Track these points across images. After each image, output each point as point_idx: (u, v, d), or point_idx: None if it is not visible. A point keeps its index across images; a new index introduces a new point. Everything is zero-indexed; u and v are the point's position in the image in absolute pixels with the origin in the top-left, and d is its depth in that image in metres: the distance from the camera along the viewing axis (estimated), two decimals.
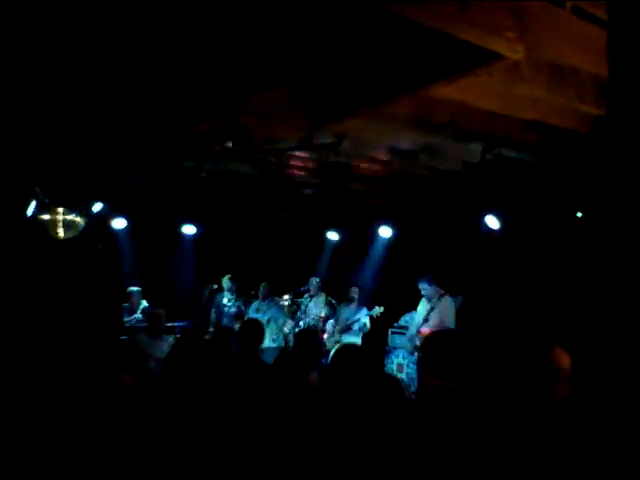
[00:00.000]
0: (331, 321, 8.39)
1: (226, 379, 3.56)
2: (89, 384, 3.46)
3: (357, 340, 7.88)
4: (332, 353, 3.57)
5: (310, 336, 4.65)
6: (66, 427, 3.02)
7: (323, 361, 6.09)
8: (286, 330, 8.40)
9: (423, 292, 7.16)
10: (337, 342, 7.82)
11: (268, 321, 8.15)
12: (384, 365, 8.26)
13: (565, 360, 2.67)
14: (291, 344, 8.29)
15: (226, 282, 8.77)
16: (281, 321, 8.41)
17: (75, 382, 3.55)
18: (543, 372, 2.61)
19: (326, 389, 3.24)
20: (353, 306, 8.21)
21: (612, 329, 1.45)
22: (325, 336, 8.30)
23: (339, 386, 3.10)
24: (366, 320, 7.98)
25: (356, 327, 7.99)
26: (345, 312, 8.21)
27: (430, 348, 2.78)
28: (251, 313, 8.42)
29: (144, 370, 3.96)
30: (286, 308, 8.92)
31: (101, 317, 7.55)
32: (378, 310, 7.95)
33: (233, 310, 8.66)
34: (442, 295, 7.08)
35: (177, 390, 3.05)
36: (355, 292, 8.27)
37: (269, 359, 7.66)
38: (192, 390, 3.03)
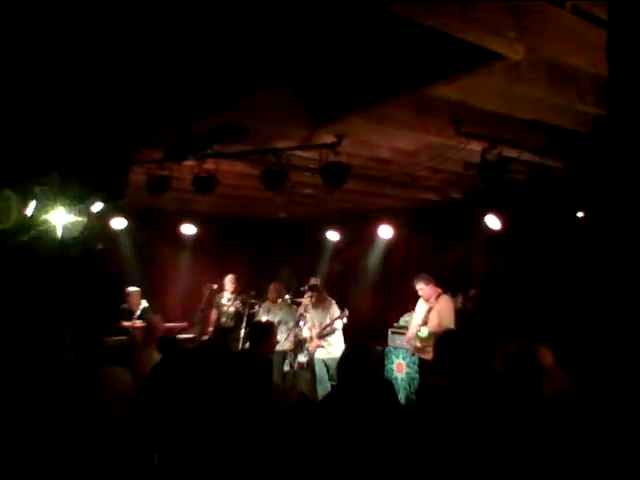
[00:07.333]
0: (305, 325, 8.19)
1: (227, 380, 3.55)
2: (84, 382, 3.45)
3: (337, 342, 7.80)
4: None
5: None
6: (59, 423, 3.02)
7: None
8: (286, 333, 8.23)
9: (420, 293, 7.13)
10: (319, 347, 7.83)
11: (279, 323, 8.02)
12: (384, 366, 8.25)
13: (549, 358, 2.66)
14: (292, 346, 8.25)
15: (229, 282, 8.77)
16: (291, 324, 8.21)
17: (70, 380, 3.55)
18: (527, 369, 2.59)
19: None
20: (320, 308, 8.04)
21: (611, 329, 1.45)
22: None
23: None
24: (339, 326, 7.87)
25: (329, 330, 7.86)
26: (315, 316, 8.06)
27: (442, 350, 2.73)
28: (262, 314, 8.35)
29: None
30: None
31: (99, 318, 7.54)
32: (345, 313, 7.88)
33: (232, 310, 8.65)
34: (439, 295, 7.04)
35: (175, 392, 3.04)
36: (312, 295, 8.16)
37: (276, 362, 7.68)
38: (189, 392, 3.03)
